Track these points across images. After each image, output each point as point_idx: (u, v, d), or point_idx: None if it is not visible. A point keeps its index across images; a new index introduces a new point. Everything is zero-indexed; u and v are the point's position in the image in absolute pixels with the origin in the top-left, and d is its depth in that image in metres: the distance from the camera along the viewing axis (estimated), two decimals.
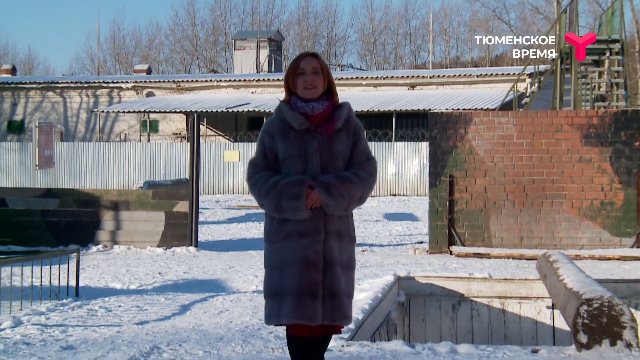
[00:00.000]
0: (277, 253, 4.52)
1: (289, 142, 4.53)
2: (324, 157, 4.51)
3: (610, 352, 7.05)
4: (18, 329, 8.03)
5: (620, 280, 11.09)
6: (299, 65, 4.59)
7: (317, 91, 4.57)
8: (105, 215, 15.57)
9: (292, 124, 4.53)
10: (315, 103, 4.57)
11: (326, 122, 4.58)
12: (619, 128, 14.64)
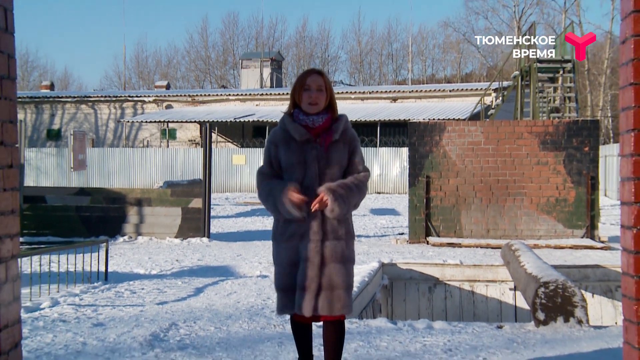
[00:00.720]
0: (284, 252, 4.52)
1: (290, 152, 4.51)
2: (321, 165, 4.49)
3: (564, 327, 7.09)
4: (55, 308, 8.04)
5: (572, 266, 11.10)
6: (306, 81, 4.56)
7: (320, 107, 4.55)
8: (130, 210, 15.58)
9: (293, 135, 4.52)
10: (316, 116, 4.55)
11: (324, 134, 4.56)
12: (571, 135, 14.66)
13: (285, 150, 4.55)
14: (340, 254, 4.51)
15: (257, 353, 6.12)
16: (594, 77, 57.42)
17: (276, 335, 6.69)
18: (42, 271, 9.98)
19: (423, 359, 5.95)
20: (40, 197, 15.92)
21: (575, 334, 6.87)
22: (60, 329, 7.00)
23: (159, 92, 50.77)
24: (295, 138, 4.52)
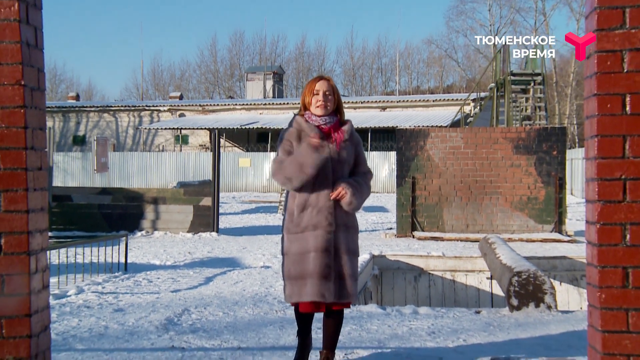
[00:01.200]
0: (297, 242, 4.45)
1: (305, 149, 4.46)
2: (334, 162, 4.45)
3: (535, 312, 7.10)
4: (80, 295, 8.05)
5: (542, 257, 11.11)
6: (315, 86, 4.53)
7: (328, 110, 4.52)
8: (147, 208, 15.58)
9: (309, 133, 4.47)
10: (328, 117, 4.52)
11: (337, 133, 4.53)
12: (541, 141, 14.69)
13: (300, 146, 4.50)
14: (350, 246, 4.52)
15: (261, 335, 6.12)
16: (561, 89, 57.53)
17: (278, 319, 6.69)
18: (69, 262, 9.96)
19: (409, 341, 5.95)
20: (67, 196, 15.94)
21: (545, 318, 6.88)
22: (84, 314, 7.02)
23: (173, 102, 50.82)
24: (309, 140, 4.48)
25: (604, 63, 4.07)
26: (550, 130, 14.89)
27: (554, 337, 6.10)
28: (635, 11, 4.07)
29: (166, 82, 76.92)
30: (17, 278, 4.14)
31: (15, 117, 4.12)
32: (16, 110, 4.12)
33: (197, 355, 5.48)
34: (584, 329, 6.11)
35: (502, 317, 6.96)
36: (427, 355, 5.48)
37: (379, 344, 5.85)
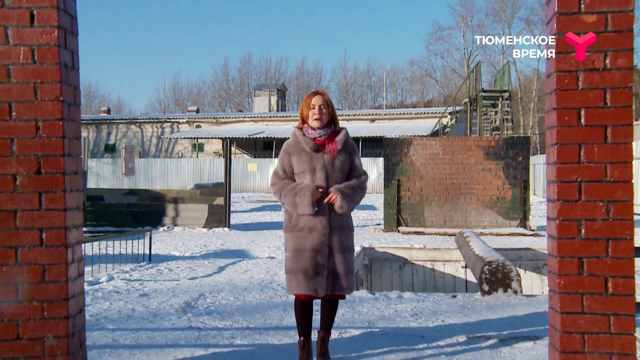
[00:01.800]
0: (293, 241, 4.43)
1: (302, 160, 4.43)
2: (328, 170, 4.41)
3: (503, 296, 7.10)
4: (111, 282, 8.04)
5: (510, 249, 11.12)
6: (311, 101, 4.49)
7: (323, 122, 4.47)
8: (168, 206, 15.56)
9: (304, 147, 4.44)
10: (322, 130, 4.47)
11: (330, 144, 4.48)
12: (508, 148, 14.70)
13: (297, 158, 4.46)
14: (343, 245, 4.45)
15: (267, 317, 6.13)
16: (525, 103, 57.58)
17: (281, 303, 6.68)
18: (101, 253, 9.98)
19: (395, 322, 5.95)
20: (99, 196, 15.94)
21: (512, 301, 6.89)
22: (114, 298, 7.02)
23: (191, 115, 50.74)
24: (306, 149, 4.45)
25: (562, 81, 4.08)
26: (516, 139, 14.91)
27: (520, 317, 6.11)
28: None
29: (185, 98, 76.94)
30: (56, 267, 4.14)
31: (54, 129, 4.12)
32: (55, 123, 4.12)
33: (211, 334, 5.49)
34: (545, 311, 6.12)
35: (475, 300, 6.97)
36: (410, 334, 5.48)
37: (369, 324, 5.86)
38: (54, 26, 4.10)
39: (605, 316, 4.07)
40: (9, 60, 4.09)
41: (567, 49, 4.08)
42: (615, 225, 4.06)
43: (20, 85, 4.11)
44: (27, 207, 4.12)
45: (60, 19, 4.14)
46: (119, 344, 5.20)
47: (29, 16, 4.10)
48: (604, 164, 4.06)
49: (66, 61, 4.22)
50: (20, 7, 4.09)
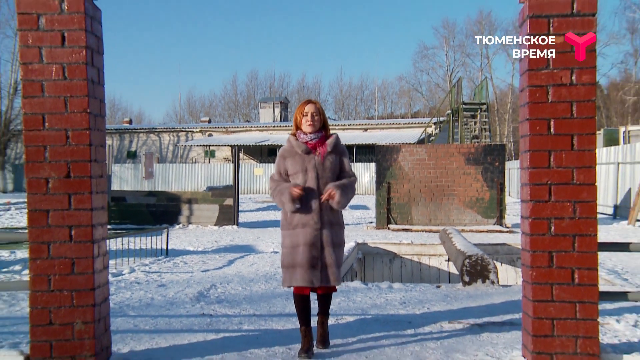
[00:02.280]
0: (289, 237, 4.40)
1: (295, 162, 4.41)
2: (318, 170, 4.37)
3: (482, 286, 7.11)
4: (132, 274, 8.04)
5: (488, 244, 11.11)
6: (304, 109, 4.48)
7: (315, 127, 4.44)
8: (183, 206, 15.55)
9: (297, 150, 4.43)
10: (313, 135, 4.44)
11: (321, 147, 4.45)
12: (486, 154, 14.72)
13: (291, 161, 4.44)
14: (334, 240, 4.41)
15: (271, 305, 6.13)
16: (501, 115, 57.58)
17: (284, 293, 6.68)
18: (123, 248, 9.97)
19: (386, 309, 5.96)
20: (122, 197, 15.91)
21: (490, 290, 6.90)
22: (135, 288, 7.02)
23: (203, 125, 50.70)
24: (299, 152, 4.43)
25: (534, 95, 4.10)
26: (493, 147, 14.93)
27: (496, 305, 6.11)
28: (557, 56, 4.10)
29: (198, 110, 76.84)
30: (84, 261, 4.14)
31: (82, 137, 4.13)
32: (83, 132, 4.13)
33: (221, 321, 5.49)
34: (519, 299, 6.13)
35: (457, 290, 6.97)
36: (399, 320, 5.49)
37: (362, 311, 5.86)
38: (82, 46, 4.12)
39: (572, 304, 4.09)
40: (42, 77, 4.11)
41: (538, 65, 4.10)
42: (581, 223, 4.07)
43: (52, 99, 4.13)
44: (58, 207, 4.13)
45: (88, 40, 4.15)
46: (139, 329, 5.20)
47: (61, 38, 4.11)
48: (571, 169, 4.08)
49: (93, 77, 4.23)
50: (53, 29, 4.10)
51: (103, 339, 4.31)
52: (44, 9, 4.10)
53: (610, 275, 7.81)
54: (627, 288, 6.99)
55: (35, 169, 4.14)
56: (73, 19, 4.10)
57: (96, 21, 4.30)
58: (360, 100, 74.51)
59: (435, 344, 4.71)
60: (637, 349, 4.44)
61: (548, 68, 4.08)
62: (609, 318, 5.39)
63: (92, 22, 4.23)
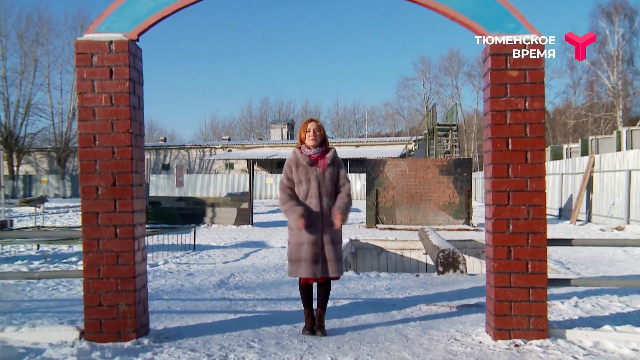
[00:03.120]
0: (295, 236, 4.35)
1: (300, 172, 4.38)
2: (319, 180, 4.34)
3: (453, 275, 7.09)
4: (166, 265, 8.01)
5: (458, 240, 11.10)
6: (307, 126, 4.44)
7: (317, 142, 4.40)
8: (207, 209, 15.52)
9: (302, 162, 4.39)
10: (315, 149, 4.40)
11: (322, 160, 4.41)
12: (456, 166, 14.72)
13: (296, 171, 4.40)
14: (333, 238, 4.36)
15: (280, 291, 6.12)
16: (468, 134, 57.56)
17: (290, 281, 6.64)
18: (158, 244, 9.95)
19: (374, 294, 5.95)
20: (157, 202, 15.88)
21: (460, 278, 6.88)
22: (168, 277, 7.00)
23: (224, 143, 50.64)
24: (303, 163, 4.39)
25: (495, 118, 4.13)
26: (461, 160, 14.94)
27: (465, 290, 6.11)
28: (513, 87, 4.13)
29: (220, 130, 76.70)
30: (127, 254, 4.15)
31: (125, 153, 4.15)
32: (126, 149, 4.15)
33: (239, 304, 5.48)
34: (483, 285, 6.12)
35: (433, 278, 6.96)
36: (385, 303, 5.48)
37: (355, 296, 5.85)
38: (126, 79, 4.15)
39: (526, 289, 4.10)
40: (94, 104, 4.14)
41: (498, 94, 4.13)
42: (534, 223, 4.09)
43: (101, 122, 4.15)
44: (106, 209, 4.15)
45: (131, 74, 4.18)
46: (172, 310, 5.20)
47: (109, 72, 4.15)
48: (525, 179, 4.10)
49: (134, 104, 4.26)
50: (103, 65, 4.14)
51: (142, 318, 4.32)
52: (97, 49, 4.14)
53: (557, 266, 7.81)
54: (569, 276, 6.99)
55: (87, 179, 4.16)
56: (119, 57, 4.14)
57: (137, 58, 4.33)
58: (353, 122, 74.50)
59: (415, 323, 4.71)
60: (577, 325, 4.45)
61: (506, 96, 4.11)
62: (556, 300, 5.38)
63: (134, 59, 4.26)
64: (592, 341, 4.07)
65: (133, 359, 3.77)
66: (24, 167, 46.79)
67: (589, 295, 5.72)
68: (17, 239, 8.33)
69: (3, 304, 5.50)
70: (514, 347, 3.98)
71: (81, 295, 4.48)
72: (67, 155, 43.31)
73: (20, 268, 7.81)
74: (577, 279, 4.56)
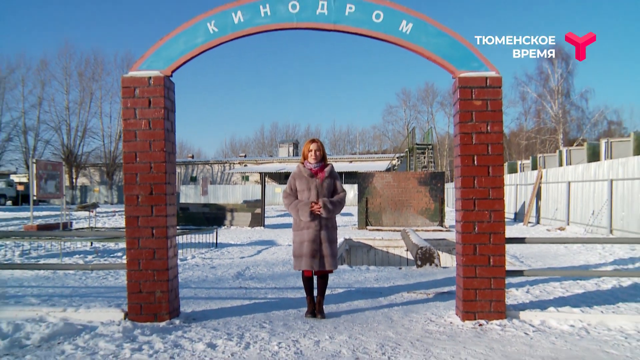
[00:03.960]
0: (298, 236, 4.35)
1: (302, 183, 4.39)
2: (318, 189, 4.34)
3: (430, 268, 7.06)
4: (193, 259, 7.98)
5: (433, 239, 11.07)
6: (310, 146, 4.44)
7: (317, 159, 4.40)
8: (227, 214, 15.48)
9: (304, 174, 4.39)
10: (316, 164, 4.40)
11: (321, 173, 4.41)
12: (432, 179, 14.72)
13: (299, 181, 4.40)
14: (329, 238, 4.35)
15: (287, 281, 6.09)
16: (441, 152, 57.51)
17: (295, 273, 6.59)
18: (187, 242, 9.92)
19: (364, 284, 5.93)
20: (186, 207, 15.83)
21: (434, 271, 6.85)
22: (195, 270, 6.97)
23: (241, 159, 50.66)
24: (305, 175, 4.40)
25: (463, 139, 4.15)
26: (436, 174, 14.93)
27: (439, 280, 6.09)
28: (477, 113, 4.16)
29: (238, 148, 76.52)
30: (161, 250, 4.15)
31: (160, 168, 4.17)
32: (161, 164, 4.17)
33: (253, 292, 5.46)
34: (454, 276, 6.11)
35: (413, 270, 6.93)
36: (374, 291, 5.47)
37: (349, 285, 5.83)
38: (161, 107, 4.18)
39: (488, 279, 4.10)
40: (136, 128, 4.17)
41: (465, 119, 4.16)
42: (494, 225, 4.10)
43: (141, 142, 4.18)
44: (144, 214, 4.16)
45: (165, 103, 4.22)
46: (198, 296, 5.18)
47: (148, 102, 4.18)
48: (487, 188, 4.12)
49: (168, 127, 4.29)
50: (143, 97, 4.17)
51: (174, 302, 4.31)
52: (139, 84, 4.18)
53: (512, 259, 7.79)
54: (523, 268, 6.95)
55: (130, 189, 4.18)
56: (156, 89, 4.18)
57: (171, 90, 4.37)
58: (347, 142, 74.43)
59: (398, 307, 4.70)
60: (528, 307, 4.45)
61: (472, 121, 4.14)
62: (512, 288, 5.38)
63: (168, 91, 4.30)
64: (539, 320, 4.12)
65: (167, 336, 3.77)
66: (81, 179, 48.25)
67: (537, 283, 5.73)
68: (75, 237, 8.38)
69: None
70: (479, 326, 3.98)
71: (125, 283, 4.49)
72: (114, 169, 44.91)
73: (78, 261, 7.85)
74: (529, 270, 4.56)
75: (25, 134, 41.52)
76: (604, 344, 3.60)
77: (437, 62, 4.15)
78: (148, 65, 4.18)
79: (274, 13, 4.10)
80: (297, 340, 3.70)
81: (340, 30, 4.12)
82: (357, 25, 4.10)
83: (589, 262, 7.54)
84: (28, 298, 5.07)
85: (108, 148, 45.13)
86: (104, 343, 3.60)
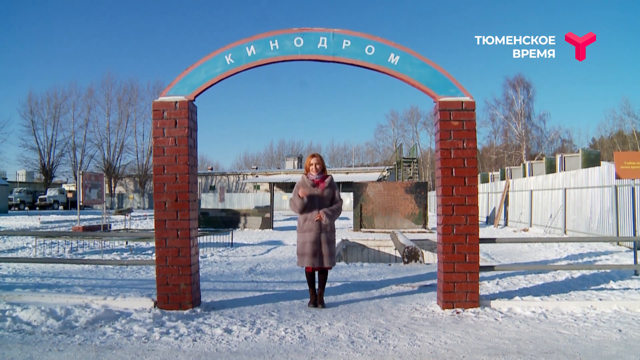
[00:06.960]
0: (301, 237, 4.33)
1: (305, 191, 4.32)
2: (320, 199, 4.31)
3: (415, 264, 7.04)
4: (212, 257, 7.94)
5: (418, 240, 11.04)
6: (311, 160, 4.44)
7: (318, 171, 4.37)
8: (241, 218, 15.44)
9: (307, 184, 4.36)
10: (317, 175, 4.37)
11: (321, 183, 4.37)
12: (417, 187, 14.70)
13: (302, 190, 4.35)
14: (328, 239, 4.32)
15: (292, 276, 6.06)
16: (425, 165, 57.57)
17: (299, 269, 6.54)
18: (207, 242, 9.89)
19: (359, 278, 5.90)
20: (207, 212, 15.78)
21: (419, 267, 6.82)
22: (213, 266, 6.94)
23: (253, 171, 50.65)
24: (308, 185, 4.37)
25: (443, 154, 4.17)
26: (421, 183, 14.90)
27: (423, 274, 6.06)
28: (455, 132, 4.17)
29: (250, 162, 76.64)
30: (185, 249, 4.15)
31: (184, 179, 4.19)
32: (185, 175, 4.19)
33: (263, 285, 5.44)
34: (435, 271, 6.05)
35: (401, 266, 6.90)
36: (367, 284, 5.44)
37: (345, 280, 5.81)
38: (185, 127, 4.21)
39: (465, 273, 4.09)
40: (164, 144, 4.20)
41: (443, 137, 4.18)
42: (470, 227, 4.10)
43: (168, 157, 4.20)
44: (170, 218, 4.16)
45: (189, 123, 4.25)
46: (216, 289, 5.16)
47: (174, 122, 4.21)
48: (464, 196, 4.12)
49: (191, 144, 4.31)
50: (170, 118, 4.21)
51: (196, 294, 4.29)
52: (167, 107, 4.22)
53: (485, 256, 7.75)
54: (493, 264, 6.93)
55: (159, 196, 4.19)
56: (181, 112, 4.21)
57: (194, 112, 4.40)
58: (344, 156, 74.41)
59: (388, 298, 4.68)
60: (498, 297, 4.43)
61: (450, 139, 4.16)
62: (484, 280, 5.35)
63: (191, 113, 4.33)
64: (507, 307, 4.14)
65: (190, 322, 3.77)
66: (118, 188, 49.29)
67: (506, 276, 5.72)
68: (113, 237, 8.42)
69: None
70: (456, 314, 3.96)
71: (155, 277, 4.48)
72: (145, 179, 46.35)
73: (116, 257, 7.91)
74: (499, 265, 4.57)
75: (74, 150, 44.12)
76: (558, 325, 3.69)
77: (421, 88, 4.19)
78: (175, 92, 4.22)
79: (281, 47, 4.16)
80: (301, 327, 3.69)
81: (338, 61, 4.17)
82: (352, 57, 4.15)
83: (547, 258, 7.56)
84: (76, 287, 5.16)
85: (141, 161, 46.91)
86: (138, 327, 3.62)
